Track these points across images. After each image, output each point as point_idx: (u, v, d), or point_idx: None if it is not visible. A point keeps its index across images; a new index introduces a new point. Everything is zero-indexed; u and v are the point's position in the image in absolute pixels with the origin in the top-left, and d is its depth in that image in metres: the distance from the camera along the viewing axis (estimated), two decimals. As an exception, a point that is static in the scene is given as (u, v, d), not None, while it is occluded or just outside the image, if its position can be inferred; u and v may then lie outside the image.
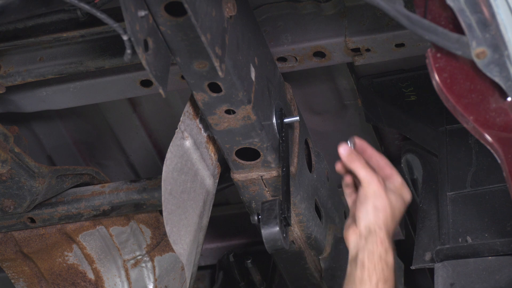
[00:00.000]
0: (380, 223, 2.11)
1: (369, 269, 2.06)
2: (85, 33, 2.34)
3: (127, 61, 1.95)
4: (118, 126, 3.18)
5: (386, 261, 2.08)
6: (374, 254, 2.08)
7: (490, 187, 2.40)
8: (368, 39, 2.50)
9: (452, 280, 2.23)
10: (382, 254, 2.08)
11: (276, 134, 2.37)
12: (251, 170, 2.40)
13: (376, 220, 2.11)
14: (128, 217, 2.91)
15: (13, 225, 2.85)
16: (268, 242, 2.22)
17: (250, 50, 2.26)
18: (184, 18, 1.94)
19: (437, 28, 1.68)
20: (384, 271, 2.07)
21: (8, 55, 2.58)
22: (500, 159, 1.79)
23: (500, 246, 2.23)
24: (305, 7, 2.56)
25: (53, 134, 3.22)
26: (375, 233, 2.10)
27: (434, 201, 2.55)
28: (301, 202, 2.50)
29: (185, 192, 2.24)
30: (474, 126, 1.76)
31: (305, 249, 2.63)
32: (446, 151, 2.58)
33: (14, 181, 2.64)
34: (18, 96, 2.79)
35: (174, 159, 2.20)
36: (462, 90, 1.74)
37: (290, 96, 2.55)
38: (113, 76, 2.71)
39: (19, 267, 2.99)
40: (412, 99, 2.84)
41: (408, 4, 1.72)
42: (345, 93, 2.94)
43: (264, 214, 2.24)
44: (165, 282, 3.00)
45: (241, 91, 2.16)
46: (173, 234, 2.17)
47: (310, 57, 2.58)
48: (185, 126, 2.25)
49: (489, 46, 1.67)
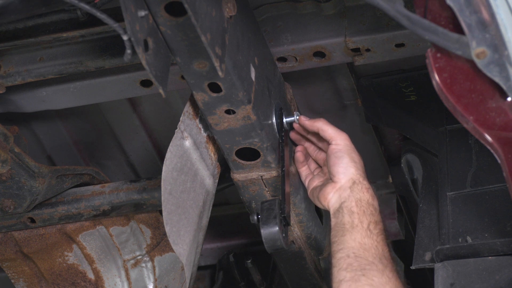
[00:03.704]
0: (361, 173, 2.22)
1: (358, 214, 2.14)
2: (85, 33, 2.34)
3: (127, 61, 1.96)
4: (118, 126, 3.18)
5: (373, 206, 2.17)
6: (362, 201, 2.16)
7: (490, 187, 2.40)
8: (368, 39, 2.50)
9: (452, 280, 2.22)
10: (369, 199, 2.17)
11: (276, 134, 2.37)
12: (251, 170, 2.40)
13: (357, 171, 2.21)
14: (128, 217, 2.91)
15: (13, 225, 2.85)
16: (267, 242, 2.23)
17: (250, 50, 2.26)
18: (184, 18, 1.94)
19: (437, 28, 1.68)
20: (374, 215, 2.15)
21: (8, 55, 2.58)
22: (500, 159, 1.79)
23: (500, 246, 2.23)
24: (305, 7, 2.56)
25: (53, 134, 3.22)
26: (359, 182, 2.19)
27: (434, 201, 2.55)
28: (301, 202, 2.50)
29: (184, 192, 2.24)
30: (474, 126, 1.76)
31: (305, 249, 2.63)
32: (446, 151, 2.58)
33: (14, 181, 2.64)
34: (18, 96, 2.79)
35: (173, 159, 2.20)
36: (462, 90, 1.74)
37: (290, 96, 2.55)
38: (113, 76, 2.71)
39: (19, 267, 2.99)
40: (412, 99, 2.84)
41: (408, 4, 1.72)
42: (345, 93, 2.94)
43: (263, 214, 2.24)
44: (165, 282, 3.00)
45: (241, 91, 2.16)
46: (172, 234, 2.17)
47: (310, 57, 2.58)
48: (185, 126, 2.25)
49: (489, 46, 1.67)
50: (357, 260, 2.05)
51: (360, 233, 2.10)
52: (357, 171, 2.22)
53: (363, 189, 2.19)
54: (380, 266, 2.04)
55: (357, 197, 2.17)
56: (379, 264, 2.05)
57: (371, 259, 2.05)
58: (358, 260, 2.05)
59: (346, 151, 2.24)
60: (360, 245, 2.08)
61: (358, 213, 2.14)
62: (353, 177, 2.21)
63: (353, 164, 2.22)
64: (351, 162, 2.22)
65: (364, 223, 2.12)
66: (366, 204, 2.16)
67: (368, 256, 2.06)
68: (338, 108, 3.00)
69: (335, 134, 2.27)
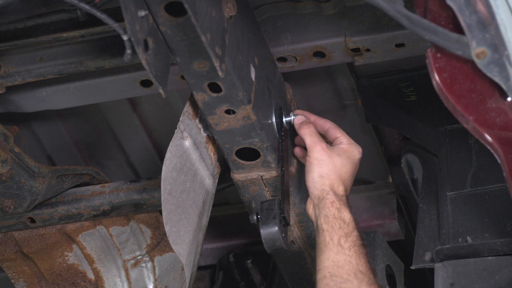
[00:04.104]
0: (326, 188, 2.20)
1: (328, 231, 2.13)
2: (85, 33, 2.34)
3: (127, 61, 1.96)
4: (118, 126, 3.18)
5: (341, 219, 2.15)
6: (328, 216, 2.15)
7: (490, 187, 2.40)
8: (368, 39, 2.50)
9: (452, 280, 2.22)
10: (335, 213, 2.16)
11: (276, 134, 2.37)
12: (251, 170, 2.40)
13: (322, 187, 2.20)
14: (128, 217, 2.91)
15: (13, 225, 2.85)
16: (267, 242, 2.22)
17: (250, 50, 2.26)
18: (184, 18, 1.94)
19: (437, 28, 1.68)
20: (343, 228, 2.13)
21: (8, 55, 2.58)
22: (500, 159, 1.79)
23: (500, 246, 2.23)
24: (305, 7, 2.55)
25: (53, 134, 3.22)
26: (324, 198, 2.19)
27: (434, 201, 2.55)
28: (301, 202, 2.50)
29: (184, 192, 2.24)
30: (474, 126, 1.76)
31: (305, 249, 2.63)
32: (446, 151, 2.58)
33: (14, 181, 2.64)
34: (18, 96, 2.79)
35: (173, 159, 2.20)
36: (462, 90, 1.74)
37: (290, 96, 2.55)
38: (113, 76, 2.71)
39: (19, 267, 2.99)
40: (412, 99, 2.84)
41: (408, 4, 1.72)
42: (345, 93, 2.94)
43: (263, 214, 2.24)
44: (165, 282, 3.00)
45: (241, 91, 2.16)
46: (172, 234, 2.17)
47: (310, 57, 2.57)
48: (185, 126, 2.26)
49: (489, 46, 1.67)
50: (333, 279, 2.06)
51: (332, 250, 2.09)
52: (323, 187, 2.20)
53: (327, 204, 2.17)
54: (356, 282, 2.04)
55: (324, 214, 2.16)
56: (354, 280, 2.04)
57: (345, 276, 2.05)
58: (333, 279, 2.05)
59: (315, 165, 2.23)
60: (334, 263, 2.08)
61: (328, 230, 2.13)
62: (319, 193, 2.20)
63: (319, 179, 2.21)
64: (318, 177, 2.21)
65: (334, 239, 2.11)
66: (333, 219, 2.15)
67: (342, 273, 2.06)
68: (338, 108, 3.00)
69: (309, 144, 2.27)
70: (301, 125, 2.33)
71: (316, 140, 2.26)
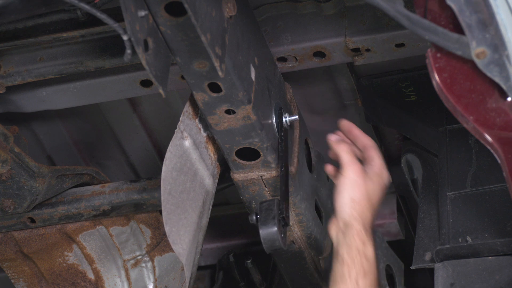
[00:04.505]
0: (356, 215, 2.08)
1: (348, 264, 2.04)
2: (85, 33, 2.34)
3: (127, 61, 1.96)
4: (118, 126, 3.18)
5: (365, 254, 2.05)
6: (352, 248, 2.05)
7: (490, 187, 2.40)
8: (368, 39, 2.50)
9: (452, 280, 2.23)
10: (360, 247, 2.06)
11: (276, 134, 2.37)
12: (251, 170, 2.40)
13: (352, 213, 2.09)
14: (128, 217, 2.91)
15: (13, 225, 2.85)
16: (266, 242, 2.22)
17: (250, 50, 2.26)
18: (184, 18, 1.94)
19: (437, 28, 1.68)
20: (364, 265, 2.04)
21: (8, 55, 2.58)
22: (500, 159, 1.79)
23: (500, 246, 2.23)
24: (305, 7, 2.56)
25: (53, 134, 3.22)
26: (351, 226, 2.07)
27: (434, 201, 2.55)
28: (301, 202, 2.50)
29: (184, 192, 2.24)
30: (474, 126, 1.76)
31: (305, 249, 2.63)
32: (446, 151, 2.58)
33: (14, 181, 2.64)
34: (18, 96, 2.79)
35: (173, 159, 2.20)
36: (462, 90, 1.74)
37: (290, 96, 2.55)
38: (113, 76, 2.71)
39: (19, 267, 2.99)
40: (412, 99, 2.84)
41: (408, 4, 1.72)
42: (345, 93, 2.94)
43: (262, 214, 2.24)
44: (165, 282, 3.00)
45: (241, 91, 2.16)
46: (172, 234, 2.17)
47: (310, 57, 2.58)
48: (185, 126, 2.26)
49: (489, 46, 1.67)
50: None
51: (347, 286, 2.01)
52: (352, 212, 2.09)
53: (354, 234, 2.06)
54: None
55: (348, 243, 2.06)
56: None
57: None
58: None
59: (349, 188, 2.11)
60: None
61: (348, 263, 2.04)
62: (346, 219, 2.09)
63: (350, 204, 2.10)
64: (349, 201, 2.10)
65: (352, 275, 2.03)
66: (356, 251, 2.05)
67: None
68: (338, 108, 3.00)
69: (346, 164, 2.14)
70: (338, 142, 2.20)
71: (354, 160, 2.15)
